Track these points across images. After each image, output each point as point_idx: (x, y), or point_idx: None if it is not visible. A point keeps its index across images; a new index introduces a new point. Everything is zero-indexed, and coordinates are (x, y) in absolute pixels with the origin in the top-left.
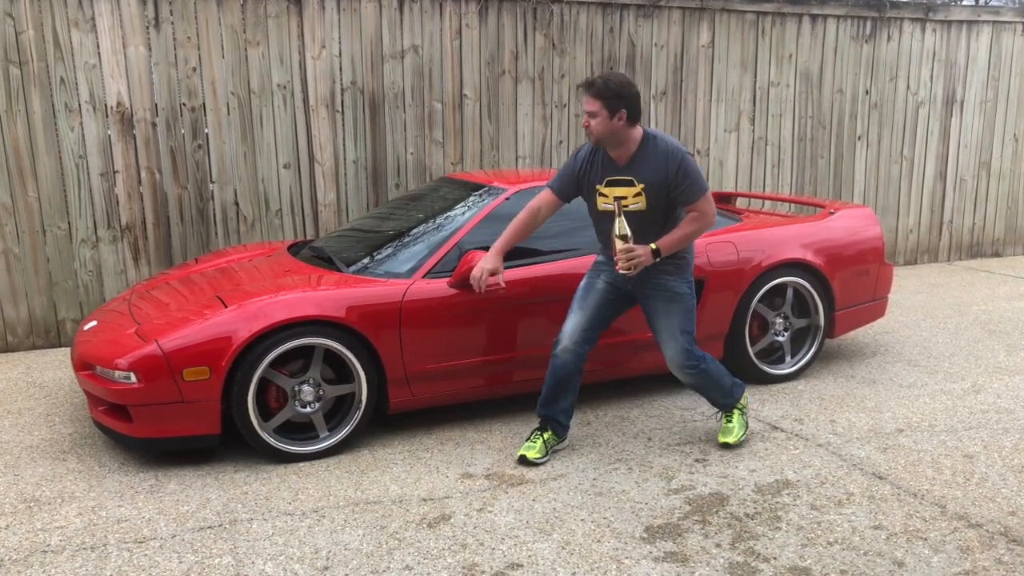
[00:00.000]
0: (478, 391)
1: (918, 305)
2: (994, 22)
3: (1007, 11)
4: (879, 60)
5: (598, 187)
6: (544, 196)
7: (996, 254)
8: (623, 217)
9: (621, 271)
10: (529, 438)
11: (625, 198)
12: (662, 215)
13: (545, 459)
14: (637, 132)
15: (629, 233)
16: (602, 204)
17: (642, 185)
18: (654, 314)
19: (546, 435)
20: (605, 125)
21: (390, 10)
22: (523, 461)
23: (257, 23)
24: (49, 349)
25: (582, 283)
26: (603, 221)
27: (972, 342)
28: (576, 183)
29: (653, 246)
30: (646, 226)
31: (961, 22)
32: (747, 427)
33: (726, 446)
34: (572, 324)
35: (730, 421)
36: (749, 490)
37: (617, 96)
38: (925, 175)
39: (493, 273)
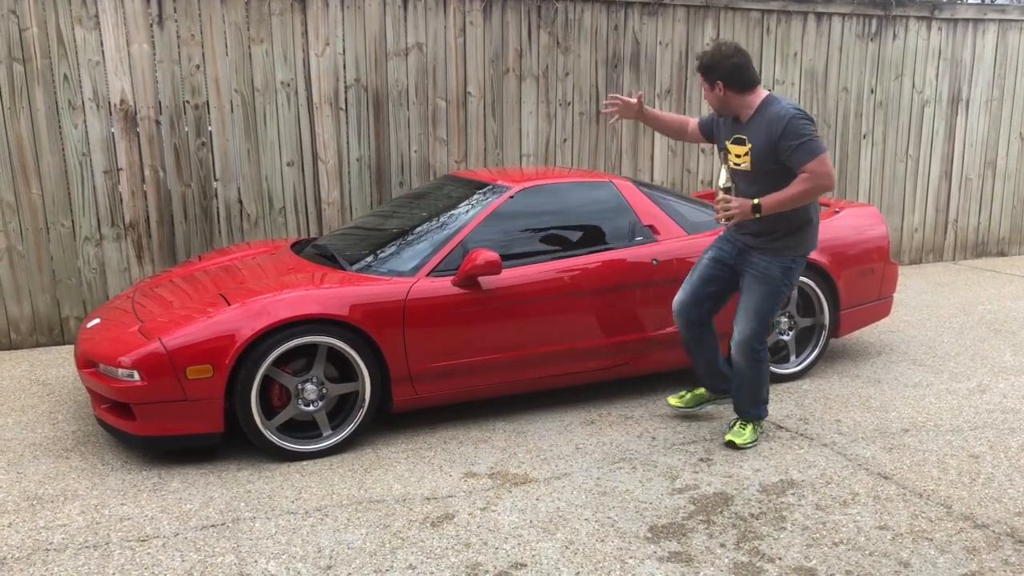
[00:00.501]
0: (482, 390)
1: (923, 304)
2: (1000, 20)
3: (1013, 9)
4: (884, 58)
5: (727, 143)
6: (692, 121)
7: (1001, 253)
8: (727, 169)
9: (718, 220)
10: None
11: (739, 155)
12: (768, 179)
13: (692, 408)
14: (755, 97)
15: (731, 185)
16: (730, 160)
17: (750, 145)
18: (743, 289)
19: (699, 390)
20: (710, 97)
21: (394, 7)
22: (731, 446)
23: (261, 20)
24: (52, 347)
25: (699, 259)
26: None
27: (978, 342)
28: (711, 132)
29: (755, 201)
30: (743, 186)
31: (967, 20)
32: (757, 441)
33: (731, 445)
34: (678, 295)
35: (744, 428)
36: (754, 490)
37: (709, 68)
38: (930, 174)
39: (638, 108)
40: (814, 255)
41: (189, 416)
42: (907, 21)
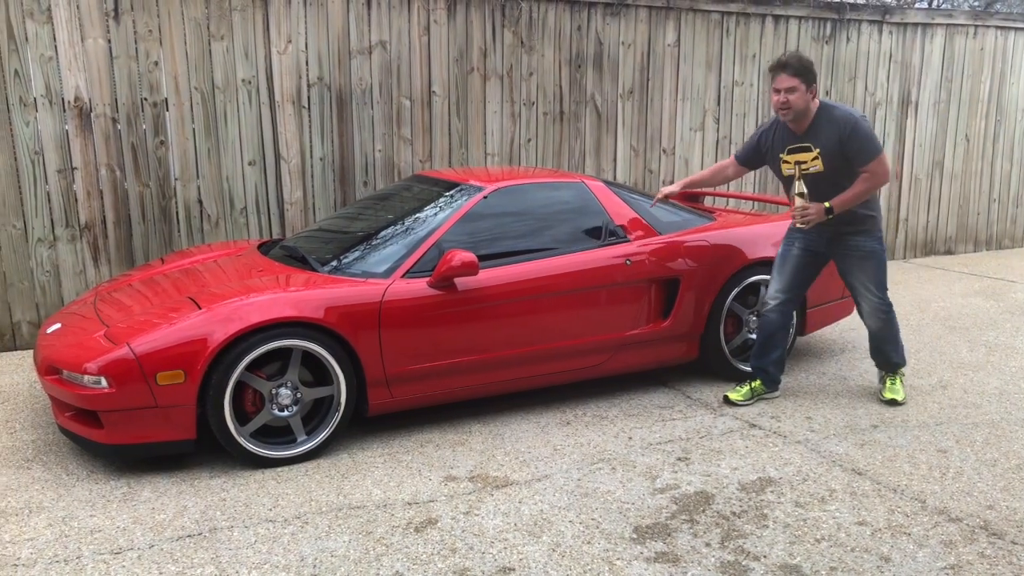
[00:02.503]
0: (459, 392)
1: None
2: (947, 25)
3: (960, 14)
4: (839, 61)
5: (781, 156)
6: (730, 161)
7: (949, 251)
8: (802, 179)
9: (798, 225)
10: (738, 384)
11: (804, 162)
12: (838, 176)
13: (749, 402)
14: (816, 103)
15: (805, 191)
16: (786, 170)
17: (818, 150)
18: (848, 272)
19: (755, 384)
20: (803, 99)
21: (357, 5)
22: (726, 400)
23: (221, 16)
24: (3, 352)
25: (780, 251)
26: (789, 183)
27: (934, 339)
28: (759, 155)
29: (827, 204)
30: (823, 186)
31: (916, 24)
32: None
33: (894, 402)
34: (773, 288)
35: (894, 382)
36: (733, 488)
37: (809, 71)
38: None
39: (670, 194)
40: None
41: (160, 423)
42: (860, 25)
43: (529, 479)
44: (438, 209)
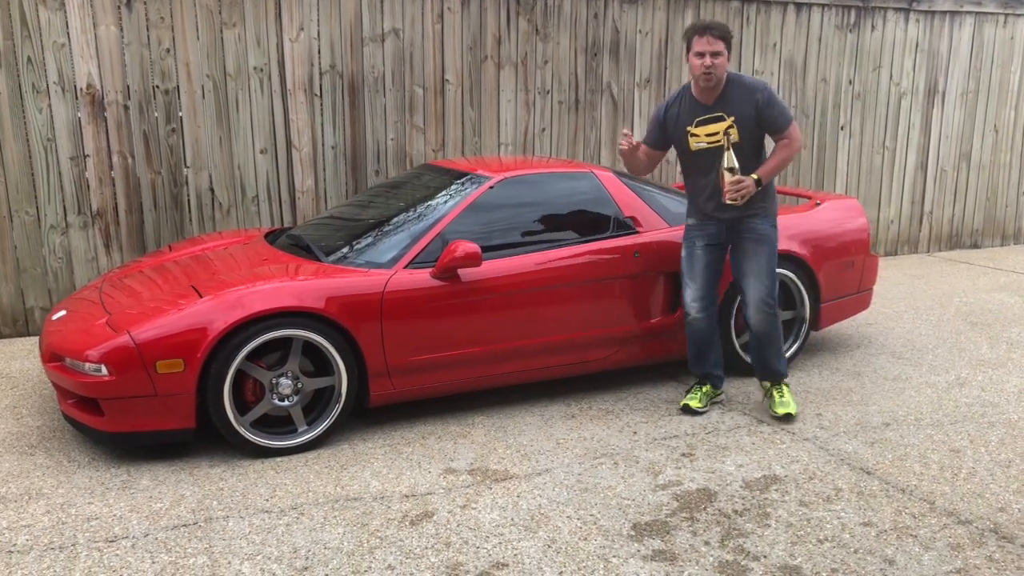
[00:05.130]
0: (461, 384)
1: (900, 296)
2: (977, 13)
3: (989, 2)
4: (863, 50)
5: (689, 129)
6: (644, 150)
7: (975, 245)
8: (732, 150)
9: (729, 201)
10: (690, 390)
11: (716, 134)
12: (752, 148)
13: (706, 409)
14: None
15: (737, 165)
16: (694, 144)
17: (733, 118)
18: (743, 256)
19: (705, 388)
20: (725, 65)
21: None
22: (686, 410)
23: (233, 4)
24: (16, 338)
25: (683, 253)
26: (696, 162)
27: (955, 334)
28: (663, 132)
29: (755, 176)
30: (739, 158)
31: (944, 12)
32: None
33: (789, 417)
34: (690, 295)
35: (782, 394)
36: (737, 486)
37: (731, 37)
38: (907, 166)
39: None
40: (795, 247)
41: (159, 412)
42: (885, 12)
43: (529, 473)
44: (444, 199)
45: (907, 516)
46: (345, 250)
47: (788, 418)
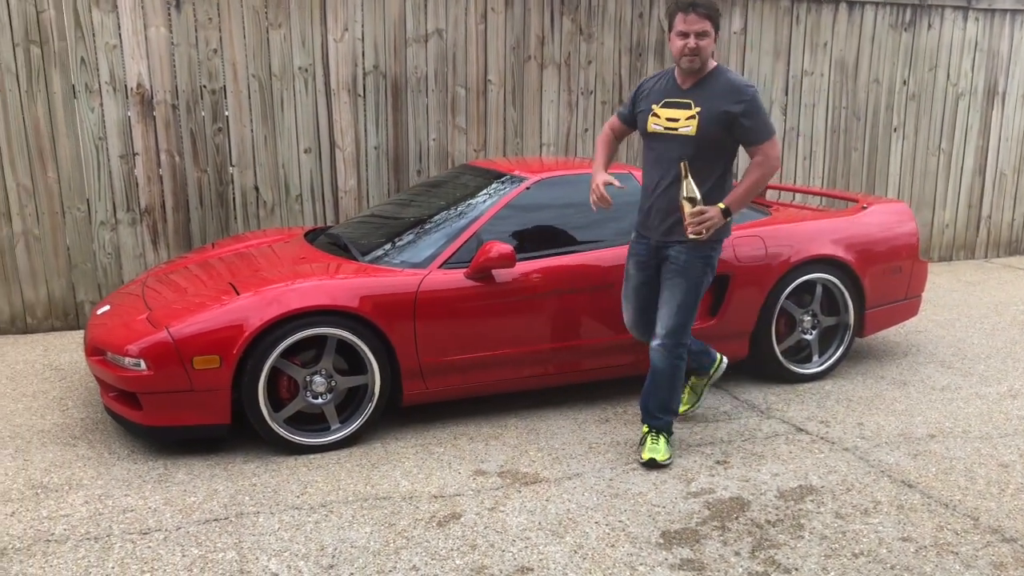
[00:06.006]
0: (494, 385)
1: (953, 304)
2: None
3: None
4: (918, 49)
5: (654, 106)
6: (613, 121)
7: None
8: (690, 178)
9: (692, 235)
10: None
11: (676, 120)
12: (703, 150)
13: (670, 460)
14: (713, 60)
15: (698, 196)
16: (652, 124)
17: (699, 109)
18: (663, 286)
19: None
20: (710, 48)
21: None
22: (651, 464)
23: (279, 4)
24: (67, 331)
25: (625, 274)
26: (649, 146)
27: (1009, 344)
28: (634, 106)
29: (722, 205)
30: (682, 151)
31: (1005, 11)
32: (672, 459)
33: (652, 463)
34: (625, 319)
35: (656, 442)
36: (771, 495)
37: (719, 16)
38: (963, 169)
39: (607, 183)
40: (839, 252)
41: (196, 407)
42: (943, 11)
43: (560, 477)
44: (481, 199)
45: (949, 532)
46: (381, 249)
47: (652, 463)
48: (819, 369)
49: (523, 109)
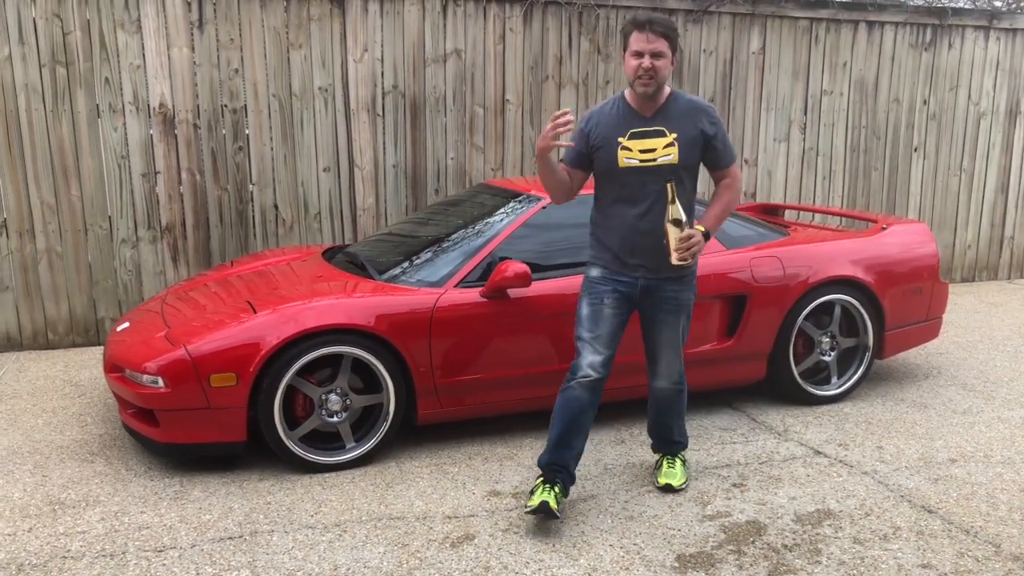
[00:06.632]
0: (509, 405)
1: (975, 325)
2: None
3: None
4: (939, 69)
5: (620, 140)
6: (564, 168)
7: None
8: (677, 202)
9: (678, 263)
10: (539, 488)
11: (653, 150)
12: (690, 179)
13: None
14: (666, 86)
15: (684, 218)
16: (624, 159)
17: (675, 135)
18: (659, 326)
19: (556, 488)
20: (667, 69)
21: (433, 13)
22: (546, 509)
23: (300, 25)
24: (88, 347)
25: (585, 311)
26: (621, 184)
27: None
28: (586, 144)
29: (702, 228)
30: (677, 189)
31: None
32: (687, 479)
33: (668, 488)
34: (590, 357)
35: (672, 466)
36: (788, 519)
37: (676, 36)
38: (986, 188)
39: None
40: (859, 273)
41: (212, 424)
42: (963, 30)
43: (574, 498)
44: (497, 219)
45: (970, 559)
46: (399, 268)
47: (668, 488)
48: (838, 391)
49: (541, 128)
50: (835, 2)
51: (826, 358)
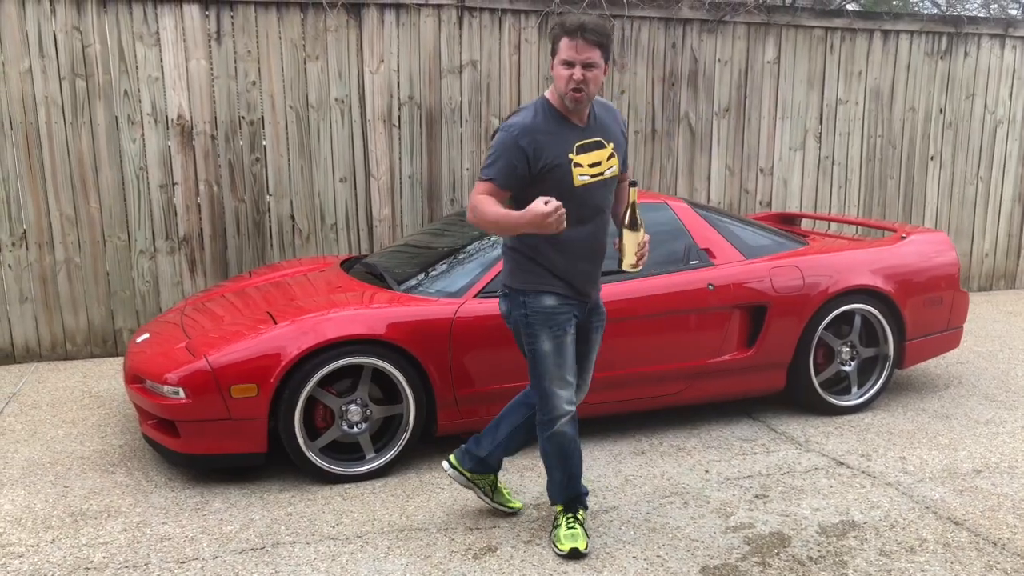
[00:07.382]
0: None
1: (995, 335)
2: None
3: None
4: (955, 77)
5: (571, 156)
6: (492, 191)
7: None
8: (633, 207)
9: (629, 268)
10: (563, 524)
11: (600, 163)
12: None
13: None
14: None
15: (640, 223)
16: (579, 176)
17: (611, 144)
18: (592, 345)
19: (580, 513)
20: (600, 81)
21: (449, 24)
22: (575, 554)
23: (317, 37)
24: (106, 358)
25: (547, 346)
26: (574, 203)
27: None
28: (526, 167)
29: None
30: (608, 195)
31: None
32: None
33: (576, 552)
34: (569, 394)
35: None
36: (812, 531)
37: (611, 43)
38: (1003, 197)
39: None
40: (879, 282)
41: (233, 435)
42: (979, 39)
43: (595, 510)
44: None
45: (998, 572)
46: (417, 279)
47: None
48: (858, 401)
49: None
50: (850, 11)
51: (846, 368)
